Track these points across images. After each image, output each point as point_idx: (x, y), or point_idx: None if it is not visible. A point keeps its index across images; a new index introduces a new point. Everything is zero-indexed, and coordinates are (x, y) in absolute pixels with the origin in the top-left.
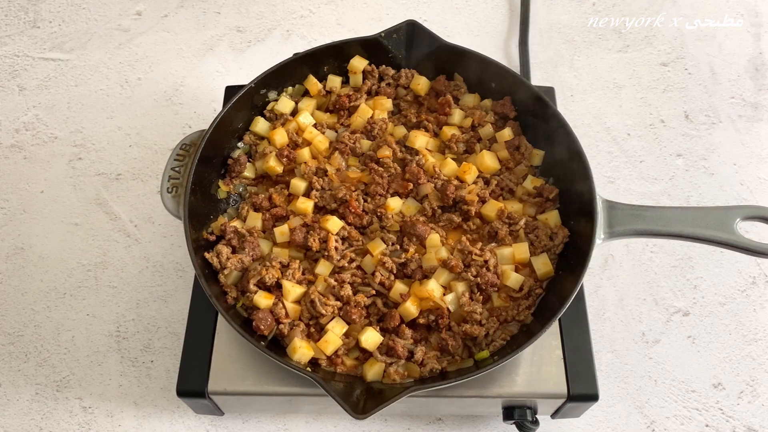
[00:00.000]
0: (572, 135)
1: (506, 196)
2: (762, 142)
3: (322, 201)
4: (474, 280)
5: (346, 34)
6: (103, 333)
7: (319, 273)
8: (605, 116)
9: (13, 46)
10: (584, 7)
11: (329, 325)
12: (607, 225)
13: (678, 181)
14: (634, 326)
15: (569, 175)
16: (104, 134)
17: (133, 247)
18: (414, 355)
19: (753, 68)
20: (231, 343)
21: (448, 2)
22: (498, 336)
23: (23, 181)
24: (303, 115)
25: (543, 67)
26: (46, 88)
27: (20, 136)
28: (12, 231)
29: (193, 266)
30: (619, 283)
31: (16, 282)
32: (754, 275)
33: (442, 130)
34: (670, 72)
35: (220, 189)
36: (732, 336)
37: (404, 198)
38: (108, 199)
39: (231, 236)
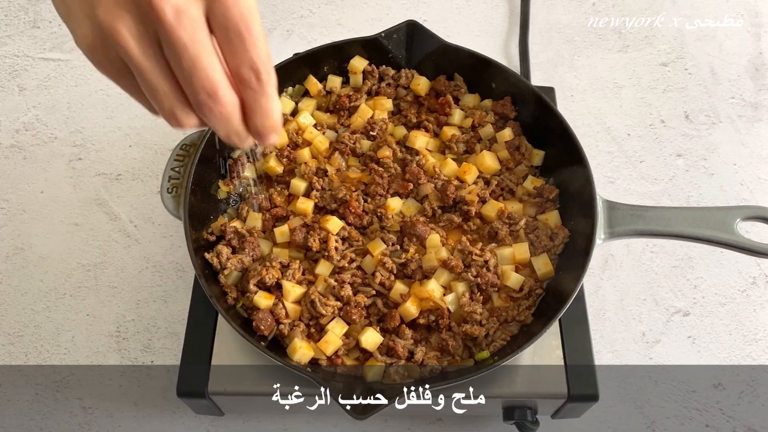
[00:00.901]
0: (572, 135)
1: (506, 196)
2: (762, 142)
3: (322, 201)
4: (474, 280)
5: (346, 34)
6: (103, 333)
7: (319, 273)
8: (605, 116)
9: (13, 46)
10: (584, 7)
11: (329, 325)
12: (608, 225)
13: (678, 181)
14: (634, 326)
15: (569, 176)
16: (104, 134)
17: (133, 247)
18: (414, 355)
19: (753, 68)
20: (231, 343)
21: (448, 2)
22: (498, 336)
23: (23, 181)
24: (303, 116)
25: (543, 67)
26: (46, 88)
27: (20, 136)
28: (12, 231)
29: (193, 266)
30: (619, 283)
31: (16, 282)
32: (754, 275)
33: (443, 131)
34: (670, 72)
35: (220, 189)
36: (732, 336)
37: (404, 198)
38: (108, 199)
39: (231, 236)
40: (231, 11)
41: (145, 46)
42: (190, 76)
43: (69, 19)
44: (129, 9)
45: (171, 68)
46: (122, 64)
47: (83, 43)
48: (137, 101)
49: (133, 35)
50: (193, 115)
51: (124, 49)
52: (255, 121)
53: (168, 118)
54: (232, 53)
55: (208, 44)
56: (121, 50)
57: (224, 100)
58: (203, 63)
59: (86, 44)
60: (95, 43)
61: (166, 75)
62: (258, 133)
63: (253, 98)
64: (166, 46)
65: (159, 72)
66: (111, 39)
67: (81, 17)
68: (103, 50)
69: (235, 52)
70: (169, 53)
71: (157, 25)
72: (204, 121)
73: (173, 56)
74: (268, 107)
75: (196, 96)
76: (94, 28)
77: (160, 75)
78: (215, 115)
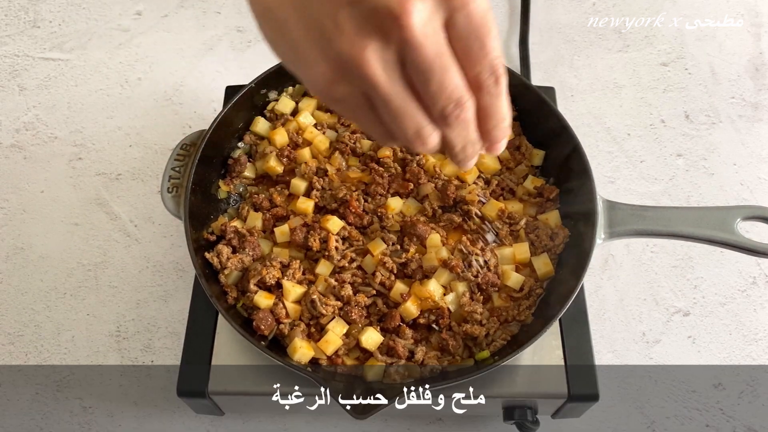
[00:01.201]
0: (573, 135)
1: (507, 196)
2: (762, 142)
3: (323, 201)
4: (474, 280)
5: None
6: (103, 333)
7: (320, 273)
8: (605, 116)
9: (13, 46)
10: (584, 7)
11: (329, 325)
12: (608, 225)
13: (678, 181)
14: (634, 326)
15: (570, 175)
16: (104, 134)
17: (133, 247)
18: (414, 355)
19: (753, 68)
20: (231, 343)
21: None
22: (498, 336)
23: (23, 181)
24: (303, 115)
25: (543, 67)
26: (46, 88)
27: (20, 136)
28: (12, 231)
29: (194, 266)
30: (619, 283)
31: (16, 282)
32: (754, 275)
33: None
34: (670, 72)
35: (221, 189)
36: (732, 336)
37: (405, 198)
38: (108, 199)
39: (231, 236)
40: (473, 18)
41: (390, 71)
42: (439, 90)
43: (300, 62)
44: (373, 35)
45: (414, 88)
46: (362, 97)
47: (321, 83)
48: (370, 132)
49: (379, 63)
50: (438, 133)
51: (372, 79)
52: (490, 125)
53: (414, 141)
54: (472, 59)
55: (451, 54)
56: (368, 81)
57: (467, 105)
58: (450, 75)
59: (324, 83)
60: (334, 80)
61: (412, 97)
62: (491, 138)
63: (490, 102)
64: (413, 65)
65: (406, 95)
66: (356, 71)
67: (316, 56)
68: (345, 85)
69: (476, 58)
70: (416, 71)
71: (405, 45)
72: (446, 136)
73: (420, 74)
74: (503, 110)
75: (444, 109)
76: (333, 64)
77: (407, 98)
78: (459, 124)
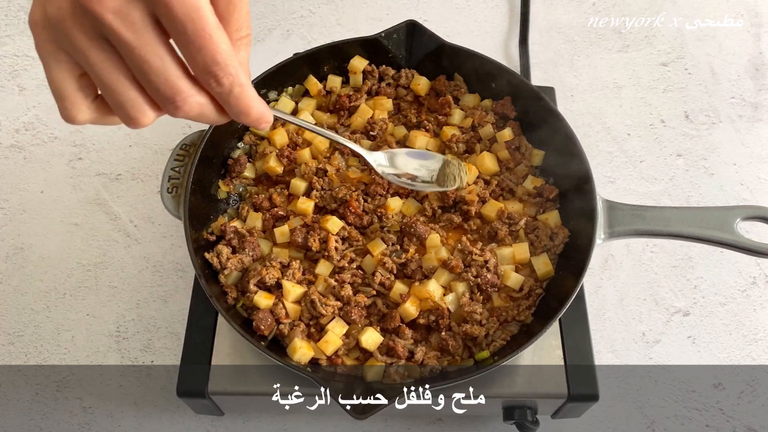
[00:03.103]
0: (573, 135)
1: (506, 196)
2: (762, 142)
3: (322, 201)
4: (474, 280)
5: (346, 34)
6: (103, 333)
7: (319, 273)
8: (605, 116)
9: (13, 46)
10: (584, 7)
11: (329, 325)
12: (608, 225)
13: (678, 181)
14: (634, 326)
15: (569, 175)
16: (104, 134)
17: (133, 247)
18: (414, 355)
19: (753, 68)
20: (231, 343)
21: (448, 2)
22: (498, 336)
23: (23, 181)
24: (303, 115)
25: (543, 67)
26: (46, 88)
27: (20, 136)
28: (12, 231)
29: (194, 266)
30: (619, 283)
31: (16, 282)
32: (754, 275)
33: (442, 130)
34: (670, 72)
35: (220, 189)
36: (732, 336)
37: (404, 198)
38: (108, 199)
39: (231, 236)
40: (173, 10)
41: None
42: (145, 78)
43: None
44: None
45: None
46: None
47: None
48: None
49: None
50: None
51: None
52: (234, 117)
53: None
54: (187, 56)
55: (158, 46)
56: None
57: (190, 101)
58: (154, 65)
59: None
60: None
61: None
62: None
63: (222, 100)
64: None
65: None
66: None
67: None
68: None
69: (188, 54)
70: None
71: (102, 28)
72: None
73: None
74: (239, 106)
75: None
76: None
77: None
78: (182, 116)
